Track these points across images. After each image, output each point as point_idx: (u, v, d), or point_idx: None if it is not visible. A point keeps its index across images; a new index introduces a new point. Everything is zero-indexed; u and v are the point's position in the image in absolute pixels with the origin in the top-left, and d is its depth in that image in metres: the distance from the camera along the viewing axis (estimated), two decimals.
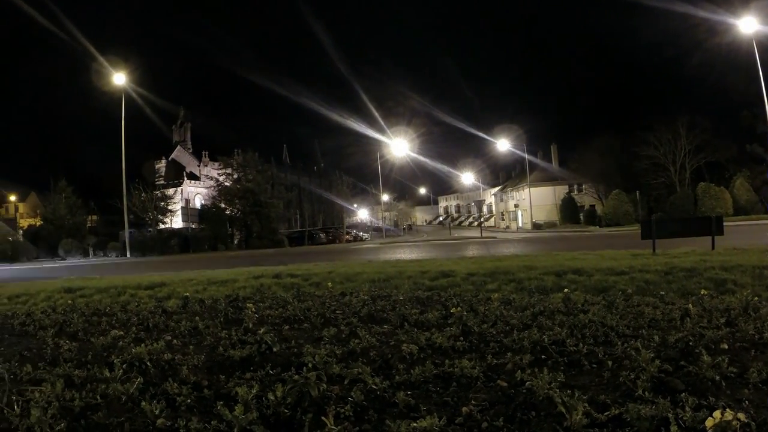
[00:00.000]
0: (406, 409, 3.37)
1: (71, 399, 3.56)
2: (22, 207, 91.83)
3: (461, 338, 5.09)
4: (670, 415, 2.89)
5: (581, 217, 67.61)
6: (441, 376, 3.97)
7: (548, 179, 77.27)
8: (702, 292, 7.36)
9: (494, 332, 5.32)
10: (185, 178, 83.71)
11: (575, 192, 73.40)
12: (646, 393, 3.32)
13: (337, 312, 7.04)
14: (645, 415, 2.92)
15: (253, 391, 3.42)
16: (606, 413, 3.04)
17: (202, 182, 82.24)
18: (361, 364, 4.18)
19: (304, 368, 3.96)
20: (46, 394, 3.56)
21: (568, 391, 3.18)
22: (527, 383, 3.54)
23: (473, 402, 3.40)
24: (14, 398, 3.59)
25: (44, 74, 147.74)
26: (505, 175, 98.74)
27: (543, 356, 4.44)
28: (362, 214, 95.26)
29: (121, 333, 5.91)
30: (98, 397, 3.64)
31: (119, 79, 44.42)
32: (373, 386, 3.70)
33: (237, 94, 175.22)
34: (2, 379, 4.10)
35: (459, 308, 6.16)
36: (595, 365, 4.15)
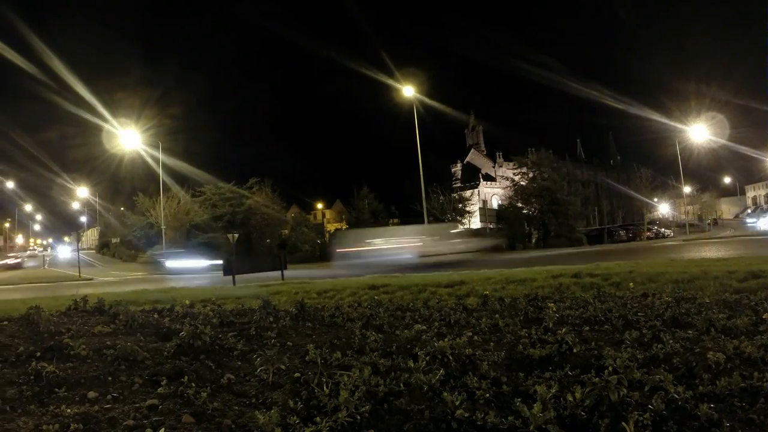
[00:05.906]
0: (707, 423, 3.13)
1: (376, 385, 3.80)
2: (328, 213, 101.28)
3: None
4: None
5: None
6: (748, 390, 3.61)
7: None
8: None
9: None
10: (481, 180, 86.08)
11: None
12: None
13: (639, 314, 6.60)
14: None
15: (552, 390, 3.39)
16: None
17: (497, 183, 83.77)
18: (662, 370, 3.92)
19: (605, 371, 3.78)
20: (354, 379, 3.87)
21: None
22: None
23: None
24: (324, 380, 3.93)
25: (349, 92, 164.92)
26: None
27: None
28: (663, 208, 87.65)
29: (424, 327, 6.16)
30: (401, 385, 3.84)
31: (408, 91, 47.37)
32: (675, 395, 3.45)
33: (526, 93, 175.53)
34: (315, 363, 4.54)
35: None
36: None
